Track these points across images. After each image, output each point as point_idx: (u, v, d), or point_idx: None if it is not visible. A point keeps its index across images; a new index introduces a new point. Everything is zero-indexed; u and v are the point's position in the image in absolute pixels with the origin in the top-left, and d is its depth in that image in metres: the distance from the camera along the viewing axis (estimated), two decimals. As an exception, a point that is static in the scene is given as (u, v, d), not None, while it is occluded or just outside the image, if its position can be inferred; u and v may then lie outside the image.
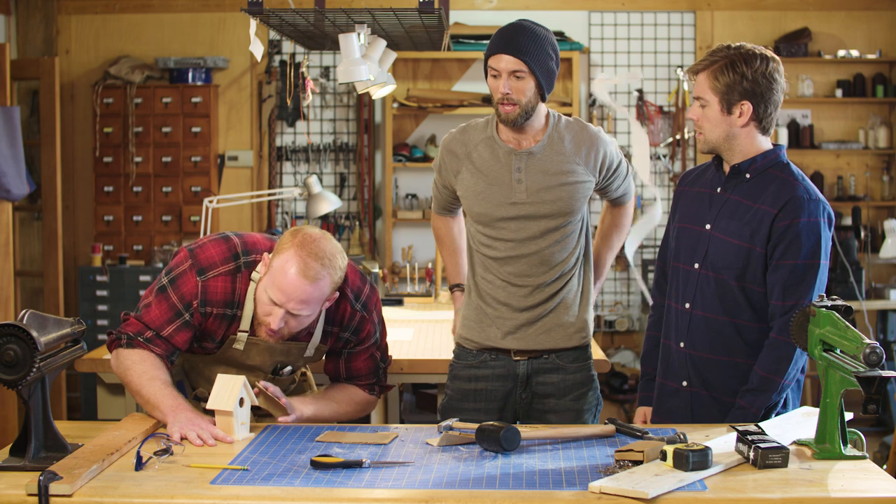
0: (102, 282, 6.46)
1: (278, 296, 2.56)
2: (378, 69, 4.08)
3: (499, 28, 2.95)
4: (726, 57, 2.66)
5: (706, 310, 2.72)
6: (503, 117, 2.93)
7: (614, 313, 6.92)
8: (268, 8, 3.70)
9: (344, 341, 2.83)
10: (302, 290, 2.54)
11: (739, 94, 2.65)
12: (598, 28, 6.85)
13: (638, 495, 2.02)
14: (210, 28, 6.86)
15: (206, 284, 2.65)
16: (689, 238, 2.79)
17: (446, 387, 3.16)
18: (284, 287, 2.54)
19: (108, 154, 6.66)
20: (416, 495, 2.08)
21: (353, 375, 2.89)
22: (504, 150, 2.99)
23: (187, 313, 2.65)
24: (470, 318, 3.08)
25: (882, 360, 2.20)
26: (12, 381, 2.20)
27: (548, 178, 2.96)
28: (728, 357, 2.71)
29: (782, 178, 2.69)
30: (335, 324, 2.79)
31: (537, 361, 3.03)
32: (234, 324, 2.70)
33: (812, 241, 2.62)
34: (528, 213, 2.96)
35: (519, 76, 2.88)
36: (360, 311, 2.79)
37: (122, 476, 2.19)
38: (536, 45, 2.89)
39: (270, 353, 2.74)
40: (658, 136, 6.90)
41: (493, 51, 2.91)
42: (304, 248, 2.56)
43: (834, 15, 6.90)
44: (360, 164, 6.85)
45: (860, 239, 6.65)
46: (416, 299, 5.43)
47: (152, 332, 2.65)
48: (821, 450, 2.31)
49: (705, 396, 2.74)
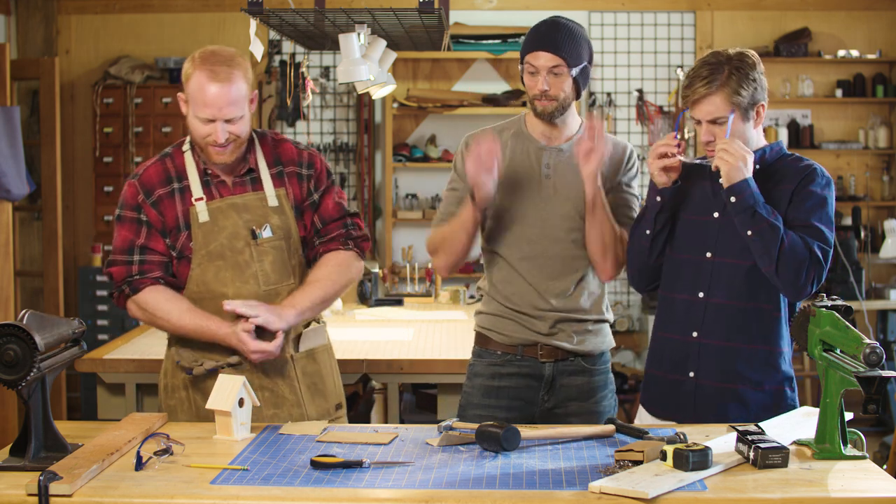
0: (102, 282, 6.45)
1: (207, 111, 2.70)
2: (378, 69, 4.08)
3: (534, 25, 2.95)
4: (731, 67, 2.66)
5: (723, 297, 2.73)
6: (539, 111, 2.91)
7: (614, 313, 6.91)
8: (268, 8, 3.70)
9: (308, 181, 2.91)
10: (224, 95, 2.70)
11: (756, 98, 2.69)
12: (598, 28, 6.86)
13: (638, 495, 2.02)
14: (210, 28, 6.86)
15: (140, 179, 2.84)
16: (692, 227, 2.79)
17: (465, 385, 3.07)
18: (208, 101, 2.69)
19: (108, 154, 6.66)
20: (416, 495, 2.08)
21: (325, 220, 2.94)
22: (535, 145, 2.98)
23: (142, 215, 2.82)
24: (492, 318, 3.02)
25: (882, 360, 2.20)
26: (12, 381, 2.20)
27: (576, 176, 2.91)
28: (747, 344, 2.72)
29: (794, 162, 2.76)
30: (286, 163, 2.90)
31: (563, 364, 2.99)
32: (187, 195, 2.82)
33: (824, 193, 2.69)
34: (554, 209, 2.94)
35: (557, 73, 2.87)
36: (305, 149, 2.95)
37: (122, 476, 2.19)
38: (573, 42, 2.89)
39: (236, 211, 2.83)
40: (658, 136, 6.90)
41: (530, 48, 2.90)
42: (205, 61, 2.72)
43: (834, 15, 6.90)
44: (360, 164, 6.85)
45: (860, 239, 6.65)
46: (416, 299, 5.43)
47: (134, 255, 2.81)
48: (821, 450, 2.31)
49: (710, 387, 2.74)
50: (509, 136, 3.01)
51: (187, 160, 2.85)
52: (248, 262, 2.83)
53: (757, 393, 2.73)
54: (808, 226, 2.65)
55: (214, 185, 2.85)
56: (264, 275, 2.84)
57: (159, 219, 2.82)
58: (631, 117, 6.92)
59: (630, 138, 6.92)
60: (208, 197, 2.83)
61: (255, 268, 2.83)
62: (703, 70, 2.69)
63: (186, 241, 2.82)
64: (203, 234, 2.81)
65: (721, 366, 2.73)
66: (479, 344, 3.08)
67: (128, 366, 3.79)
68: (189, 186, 2.83)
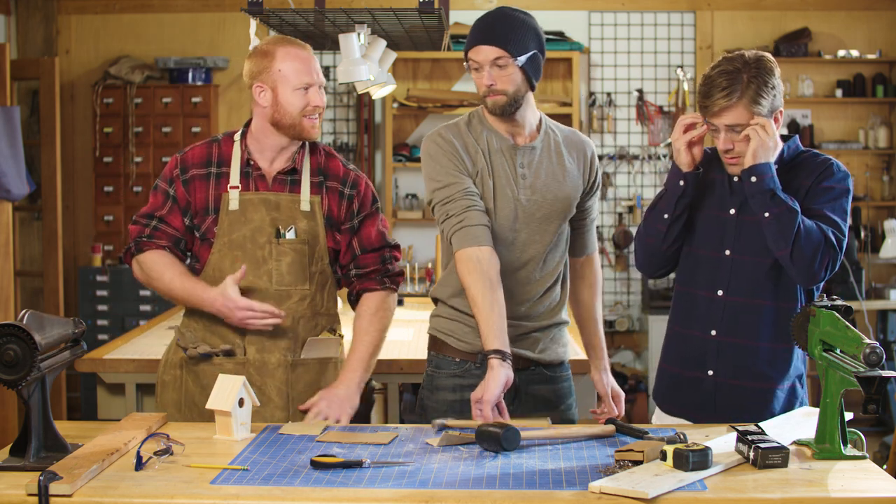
0: (102, 282, 6.46)
1: (306, 77, 2.84)
2: (378, 69, 4.08)
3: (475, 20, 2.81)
4: (749, 75, 2.59)
5: (742, 295, 2.71)
6: (490, 107, 2.77)
7: (614, 313, 6.92)
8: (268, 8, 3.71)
9: (349, 201, 2.93)
10: (313, 59, 2.89)
11: (776, 105, 2.64)
12: (598, 28, 6.86)
13: (638, 495, 2.02)
14: (210, 28, 6.86)
15: (184, 156, 2.93)
16: (708, 224, 2.77)
17: (426, 396, 2.90)
18: (304, 67, 2.84)
19: (108, 154, 6.66)
20: (416, 495, 2.08)
21: (365, 248, 2.95)
22: (507, 144, 2.84)
23: (171, 189, 2.90)
24: (449, 322, 2.86)
25: (882, 360, 2.20)
26: (12, 381, 2.20)
27: (550, 176, 2.84)
28: (767, 343, 2.71)
29: (811, 158, 2.75)
30: (330, 177, 2.94)
31: (526, 373, 2.86)
32: (223, 181, 2.88)
33: (841, 187, 2.69)
34: (530, 211, 2.82)
35: (500, 65, 2.73)
36: (352, 170, 2.98)
37: (122, 476, 2.18)
38: (515, 31, 2.74)
39: (266, 207, 2.86)
40: (658, 136, 6.90)
41: (470, 44, 2.77)
42: (280, 41, 2.89)
43: (834, 15, 6.90)
44: (360, 164, 6.85)
45: (860, 239, 6.66)
46: (416, 299, 5.44)
47: (152, 221, 2.91)
48: (821, 450, 2.31)
49: (730, 385, 2.73)
50: (481, 131, 2.84)
51: (235, 149, 2.91)
52: (266, 258, 2.86)
53: (776, 390, 2.72)
54: (822, 215, 2.64)
55: (254, 177, 2.89)
56: (279, 274, 2.86)
57: (186, 197, 2.89)
58: (631, 117, 6.92)
59: (630, 138, 6.93)
60: (244, 187, 2.88)
61: (272, 265, 2.86)
62: (721, 80, 2.60)
63: (212, 224, 2.88)
64: (229, 222, 2.86)
65: (741, 364, 2.72)
66: (435, 349, 2.91)
67: (128, 366, 3.79)
68: (228, 173, 2.89)
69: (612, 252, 6.95)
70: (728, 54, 2.68)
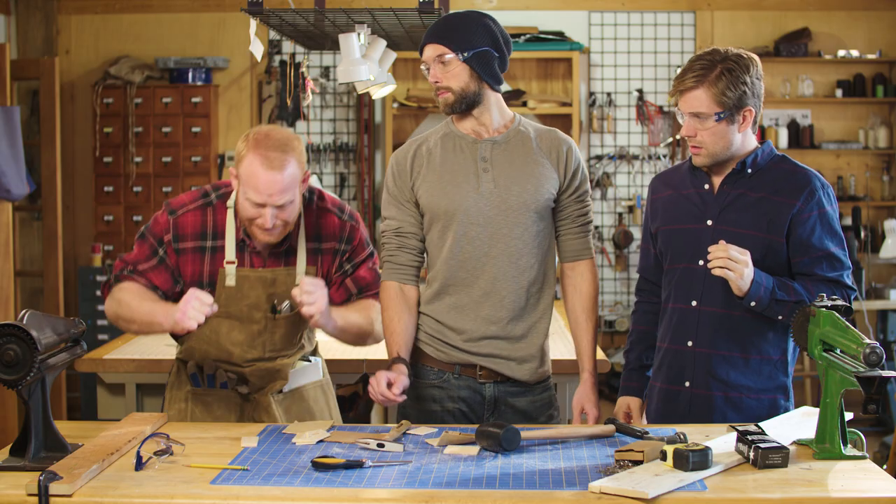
0: (102, 282, 6.45)
1: (258, 197, 2.66)
2: (378, 69, 4.08)
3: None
4: (724, 67, 2.62)
5: (716, 305, 2.71)
6: (441, 105, 2.79)
7: (614, 313, 6.92)
8: (268, 8, 3.71)
9: (342, 255, 2.89)
10: (276, 182, 2.66)
11: (744, 103, 2.65)
12: (598, 28, 6.85)
13: (638, 495, 2.02)
14: (210, 28, 6.86)
15: (177, 220, 2.82)
16: (685, 237, 2.78)
17: (406, 405, 2.83)
18: (260, 187, 2.65)
19: (108, 154, 6.66)
20: (416, 495, 2.08)
21: (361, 287, 2.93)
22: (467, 140, 2.80)
23: (161, 249, 2.82)
24: (428, 335, 2.84)
25: (882, 360, 2.20)
26: (12, 381, 2.20)
27: (515, 168, 2.79)
28: (740, 353, 2.71)
29: (787, 168, 2.74)
30: (325, 237, 2.87)
31: (503, 385, 2.83)
32: (218, 255, 2.80)
33: (829, 209, 2.70)
34: (496, 204, 2.76)
35: (443, 61, 2.73)
36: (348, 221, 2.91)
37: (122, 476, 2.19)
38: (458, 28, 2.74)
39: (262, 284, 2.81)
40: (658, 136, 6.90)
41: (420, 46, 2.81)
42: (259, 145, 2.68)
43: (834, 15, 6.90)
44: (360, 164, 6.85)
45: (860, 239, 6.66)
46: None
47: (132, 265, 2.83)
48: (821, 450, 2.31)
49: (703, 396, 2.73)
50: (435, 140, 2.84)
51: (229, 219, 2.82)
52: (261, 331, 2.84)
53: (752, 401, 2.71)
54: (824, 255, 2.66)
55: (249, 252, 2.81)
56: (272, 343, 2.86)
57: (176, 265, 2.82)
58: (631, 117, 6.91)
59: (630, 138, 6.93)
60: (240, 262, 2.81)
61: (266, 337, 2.85)
62: (696, 64, 2.66)
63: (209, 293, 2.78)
64: (227, 296, 2.80)
65: (716, 375, 2.72)
66: (414, 358, 2.85)
67: (128, 366, 3.79)
68: (223, 247, 2.81)
69: (611, 252, 6.96)
70: (717, 48, 2.71)
